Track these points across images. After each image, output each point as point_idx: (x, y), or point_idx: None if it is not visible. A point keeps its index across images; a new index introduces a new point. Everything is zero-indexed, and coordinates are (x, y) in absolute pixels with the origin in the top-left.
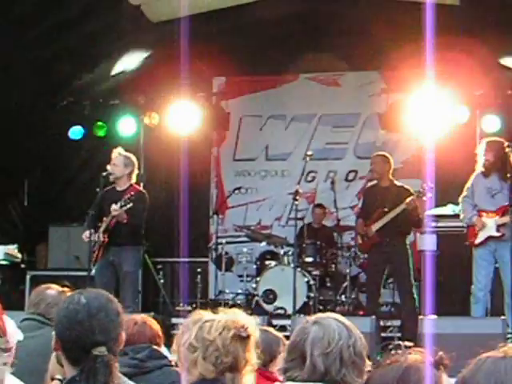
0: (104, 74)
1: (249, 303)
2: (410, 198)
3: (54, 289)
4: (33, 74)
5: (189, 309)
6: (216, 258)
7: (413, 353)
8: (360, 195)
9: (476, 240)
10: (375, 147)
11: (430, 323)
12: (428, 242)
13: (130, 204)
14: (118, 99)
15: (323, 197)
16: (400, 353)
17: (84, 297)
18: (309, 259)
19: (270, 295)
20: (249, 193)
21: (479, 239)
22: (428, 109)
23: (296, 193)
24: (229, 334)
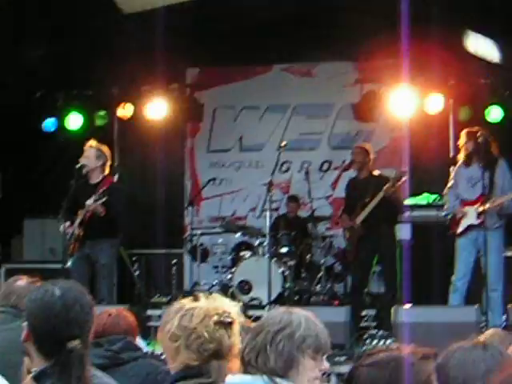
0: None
1: (224, 294)
2: (388, 184)
3: (24, 280)
4: (4, 66)
5: (164, 300)
6: (191, 250)
7: (395, 347)
8: (334, 185)
9: (458, 229)
10: (349, 137)
11: (405, 312)
12: (403, 232)
13: (104, 198)
14: (92, 90)
15: (297, 187)
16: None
17: (58, 289)
18: (284, 250)
19: (245, 286)
20: (223, 184)
21: (460, 228)
22: (402, 99)
23: (270, 183)
24: (211, 321)
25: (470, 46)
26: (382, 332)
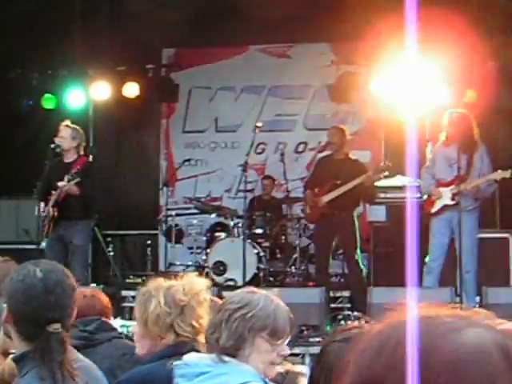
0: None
1: (199, 275)
2: (368, 174)
3: None
4: None
5: (139, 281)
6: (166, 230)
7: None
8: (310, 167)
9: (432, 209)
10: (325, 119)
11: (379, 293)
12: (377, 213)
13: (78, 178)
14: (67, 71)
15: (273, 169)
16: (354, 324)
17: (40, 270)
18: (259, 231)
19: (220, 267)
20: (198, 165)
21: (435, 208)
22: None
23: (245, 164)
24: (201, 297)
25: None
26: (356, 313)
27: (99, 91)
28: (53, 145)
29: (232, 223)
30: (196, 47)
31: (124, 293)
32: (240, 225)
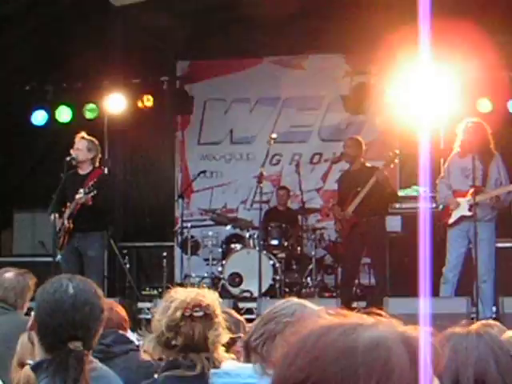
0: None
1: (215, 287)
2: (379, 169)
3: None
4: None
5: (155, 293)
6: (182, 242)
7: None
8: (325, 178)
9: (449, 220)
10: (339, 130)
11: (395, 304)
12: (392, 224)
13: (94, 191)
14: (82, 83)
15: (288, 180)
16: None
17: (72, 287)
18: (274, 242)
19: (236, 278)
20: (214, 176)
21: (452, 219)
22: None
23: (260, 176)
24: (175, 315)
25: None
26: None
27: (114, 103)
28: (68, 157)
29: (247, 234)
30: (210, 59)
31: (140, 305)
32: (255, 236)
